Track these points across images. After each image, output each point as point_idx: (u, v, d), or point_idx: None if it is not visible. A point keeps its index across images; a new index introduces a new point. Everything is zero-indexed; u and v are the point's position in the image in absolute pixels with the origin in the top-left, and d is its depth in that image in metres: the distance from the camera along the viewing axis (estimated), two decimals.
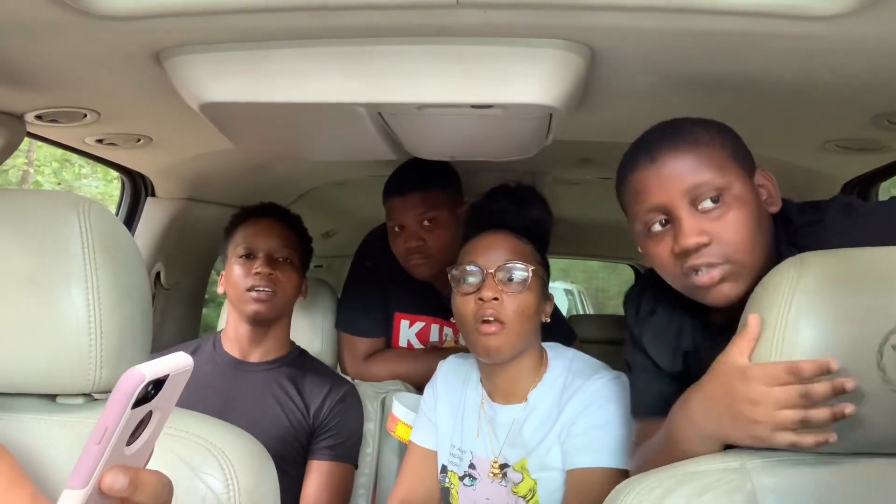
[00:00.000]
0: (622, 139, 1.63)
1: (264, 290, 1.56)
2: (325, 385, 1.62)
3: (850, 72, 1.04)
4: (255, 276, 1.56)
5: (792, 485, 0.85)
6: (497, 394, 1.36)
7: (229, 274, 1.61)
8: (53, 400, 0.95)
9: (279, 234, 1.63)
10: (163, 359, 0.57)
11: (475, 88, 1.00)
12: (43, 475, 0.89)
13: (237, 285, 1.57)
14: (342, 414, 1.61)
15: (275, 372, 1.62)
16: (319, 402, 1.59)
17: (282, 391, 1.59)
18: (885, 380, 0.81)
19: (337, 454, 1.59)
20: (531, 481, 1.29)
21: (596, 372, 1.31)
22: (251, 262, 1.58)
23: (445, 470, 1.40)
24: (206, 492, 0.88)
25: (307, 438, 1.58)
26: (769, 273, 0.89)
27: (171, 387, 0.58)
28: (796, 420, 0.81)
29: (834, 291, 0.84)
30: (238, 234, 1.64)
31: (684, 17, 0.89)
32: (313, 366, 1.69)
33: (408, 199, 1.73)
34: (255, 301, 1.56)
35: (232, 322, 1.64)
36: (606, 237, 3.22)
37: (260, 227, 1.63)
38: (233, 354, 1.63)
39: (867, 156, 1.52)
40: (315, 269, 3.65)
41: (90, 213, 0.91)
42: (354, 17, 0.92)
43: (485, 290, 1.25)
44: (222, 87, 1.03)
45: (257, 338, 1.62)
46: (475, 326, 1.25)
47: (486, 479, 1.33)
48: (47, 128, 1.41)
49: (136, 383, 0.54)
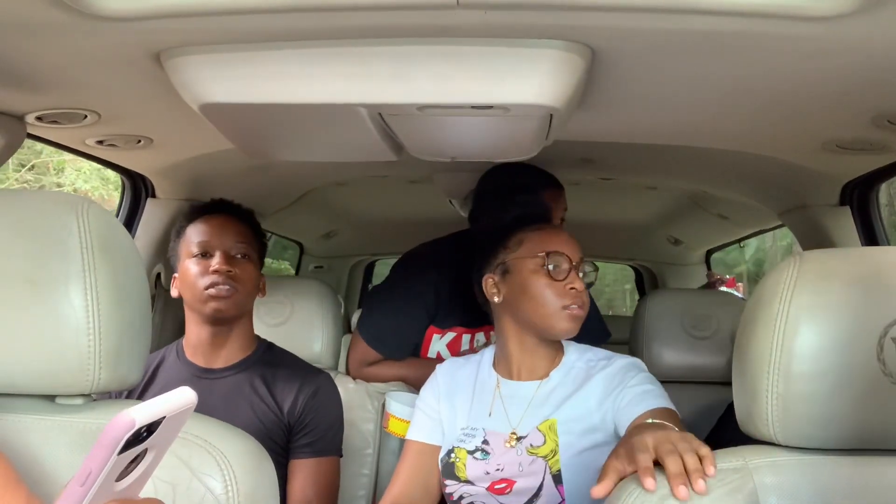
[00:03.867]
0: (622, 139, 1.64)
1: (224, 286, 1.49)
2: (295, 381, 1.56)
3: (850, 72, 1.04)
4: (212, 273, 1.49)
5: (794, 484, 0.86)
6: (516, 372, 1.42)
7: (184, 275, 1.52)
8: (52, 401, 0.95)
9: (235, 231, 1.56)
10: (162, 398, 0.54)
11: (475, 89, 1.00)
12: (42, 476, 0.89)
13: (194, 285, 1.49)
14: (317, 409, 1.55)
15: (243, 375, 1.55)
16: (292, 400, 1.54)
17: (253, 393, 1.54)
18: (886, 373, 0.81)
19: (317, 449, 1.54)
20: (553, 442, 1.32)
21: (614, 356, 1.41)
22: (207, 261, 1.51)
23: (451, 451, 1.40)
24: (205, 493, 0.88)
25: (285, 438, 1.54)
26: (768, 271, 0.90)
27: (169, 426, 0.55)
28: None
29: (832, 286, 0.84)
30: (190, 232, 1.56)
31: (684, 18, 0.89)
32: (283, 360, 1.62)
33: None
34: (213, 298, 1.48)
35: (192, 327, 1.55)
36: (607, 237, 3.22)
37: (214, 224, 1.55)
38: (196, 363, 1.55)
39: (867, 156, 1.52)
40: (315, 269, 3.66)
41: (89, 213, 0.91)
42: (355, 18, 0.92)
43: (576, 280, 1.36)
44: (223, 87, 1.03)
45: (220, 341, 1.55)
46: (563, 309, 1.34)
47: (501, 450, 1.36)
48: (48, 129, 1.41)
49: (125, 430, 0.51)
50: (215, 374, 1.55)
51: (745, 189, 2.10)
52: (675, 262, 3.54)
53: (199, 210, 1.59)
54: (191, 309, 1.54)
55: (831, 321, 0.83)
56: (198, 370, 1.55)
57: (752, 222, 2.75)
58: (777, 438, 0.88)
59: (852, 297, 0.83)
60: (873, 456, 0.87)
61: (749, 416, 0.91)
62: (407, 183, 2.46)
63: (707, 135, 1.51)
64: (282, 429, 1.53)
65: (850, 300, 0.83)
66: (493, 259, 1.43)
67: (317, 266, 3.64)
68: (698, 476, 0.84)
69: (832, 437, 0.86)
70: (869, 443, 0.86)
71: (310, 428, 1.54)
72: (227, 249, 1.53)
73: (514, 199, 1.76)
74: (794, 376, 0.85)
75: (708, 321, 1.96)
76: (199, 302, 1.50)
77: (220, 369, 1.55)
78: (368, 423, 1.84)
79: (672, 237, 3.30)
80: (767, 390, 0.87)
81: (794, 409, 0.86)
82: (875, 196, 1.81)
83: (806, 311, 0.84)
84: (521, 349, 1.41)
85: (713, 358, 1.94)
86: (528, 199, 1.78)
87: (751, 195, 2.12)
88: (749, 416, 0.91)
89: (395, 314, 1.87)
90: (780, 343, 0.85)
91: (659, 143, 1.61)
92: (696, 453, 0.88)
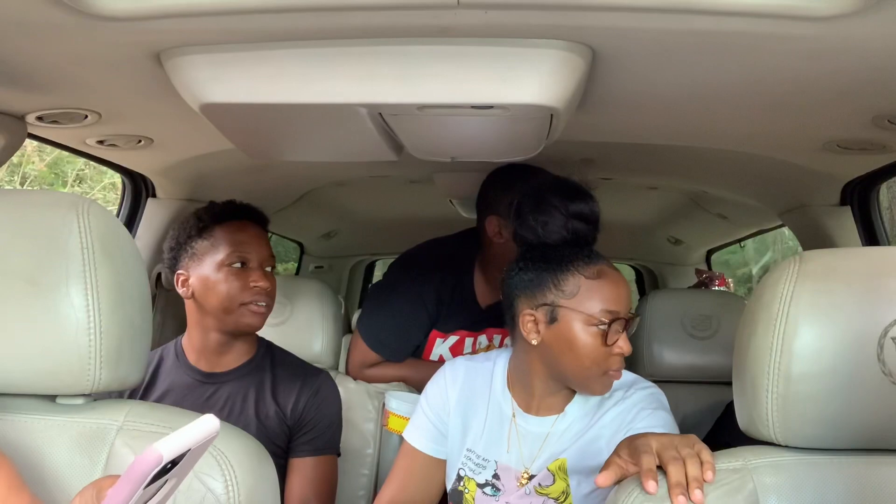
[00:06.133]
0: (623, 139, 1.63)
1: (262, 303, 1.47)
2: (297, 382, 1.54)
3: (850, 72, 1.04)
4: (253, 289, 1.46)
5: (793, 484, 0.86)
6: (533, 406, 1.33)
7: (213, 282, 1.46)
8: (53, 400, 0.95)
9: (265, 241, 1.54)
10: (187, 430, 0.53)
11: (476, 89, 1.00)
12: (42, 475, 0.89)
13: (230, 297, 1.45)
14: (318, 408, 1.53)
15: (246, 379, 1.53)
16: (293, 402, 1.52)
17: (256, 397, 1.52)
18: (885, 372, 0.81)
19: (316, 447, 1.53)
20: (563, 483, 1.27)
21: (635, 383, 1.31)
22: (246, 273, 1.47)
23: (460, 478, 1.36)
24: (206, 493, 0.88)
25: (286, 441, 1.53)
26: (768, 271, 0.90)
27: (192, 455, 0.55)
28: None
29: (832, 286, 0.84)
30: (221, 236, 1.50)
31: (685, 18, 0.89)
32: (283, 360, 1.60)
33: None
34: (252, 314, 1.46)
35: (200, 332, 1.50)
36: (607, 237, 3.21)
37: (250, 235, 1.52)
38: (199, 367, 1.52)
39: (867, 156, 1.52)
40: (315, 269, 3.66)
41: (89, 213, 0.91)
42: (355, 18, 0.92)
43: (626, 343, 1.22)
44: (223, 87, 1.03)
45: (227, 348, 1.52)
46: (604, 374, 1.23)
47: (512, 488, 1.31)
48: (48, 129, 1.41)
49: (153, 466, 0.51)
50: (219, 379, 1.52)
51: (745, 189, 2.09)
52: (676, 262, 3.53)
53: (228, 213, 1.54)
54: (210, 316, 1.48)
55: (831, 321, 0.83)
56: (201, 375, 1.52)
57: (753, 222, 2.75)
58: (777, 438, 0.88)
59: (852, 297, 0.83)
60: (873, 456, 0.87)
61: (749, 417, 0.91)
62: (407, 183, 2.46)
63: (707, 135, 1.51)
64: (284, 431, 1.53)
65: (851, 300, 0.83)
66: (539, 294, 1.24)
67: (317, 266, 3.64)
68: (696, 486, 0.85)
69: (832, 437, 0.87)
70: (869, 443, 0.86)
71: (310, 426, 1.53)
72: (262, 262, 1.50)
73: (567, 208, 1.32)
74: (794, 376, 0.85)
75: (708, 321, 1.96)
76: (228, 313, 1.46)
77: (223, 373, 1.53)
78: (368, 423, 1.84)
79: (672, 237, 3.30)
80: (767, 390, 0.87)
81: (794, 409, 0.86)
82: (875, 196, 1.81)
83: (806, 311, 0.84)
84: (545, 389, 1.31)
85: (713, 358, 1.94)
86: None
87: (751, 195, 2.12)
88: (749, 417, 0.91)
89: (396, 316, 1.85)
90: (780, 343, 0.85)
91: (659, 143, 1.61)
92: (698, 458, 0.88)
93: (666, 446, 0.92)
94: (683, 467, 0.87)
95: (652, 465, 0.89)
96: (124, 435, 0.92)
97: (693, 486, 0.85)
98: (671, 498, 0.84)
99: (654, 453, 0.91)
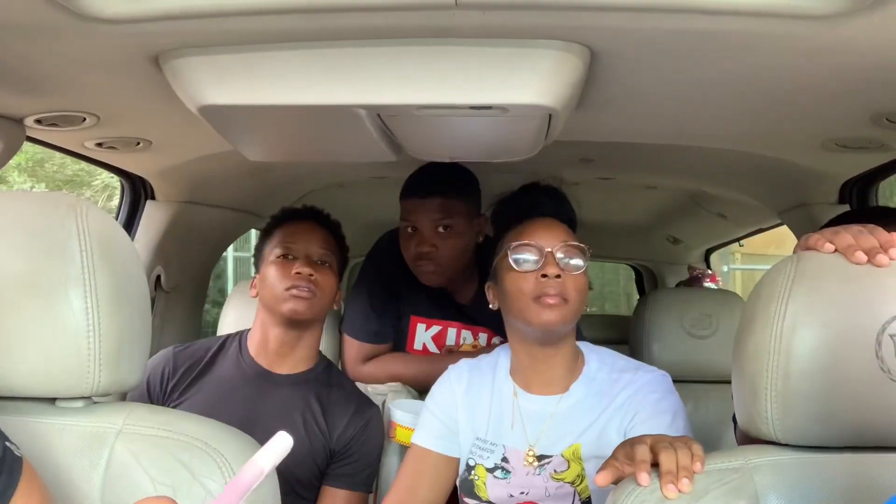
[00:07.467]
0: (622, 139, 1.63)
1: (304, 289, 1.51)
2: (349, 407, 1.56)
3: (849, 71, 1.04)
4: (294, 276, 1.51)
5: (794, 482, 0.86)
6: (534, 385, 1.36)
7: (265, 276, 1.55)
8: (53, 403, 0.95)
9: (319, 237, 1.59)
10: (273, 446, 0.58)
11: (474, 90, 1.00)
12: (43, 478, 0.88)
13: (274, 286, 1.52)
14: (364, 442, 1.55)
15: (301, 387, 1.56)
16: (343, 427, 1.54)
17: (307, 410, 1.54)
18: (883, 368, 0.81)
19: (354, 482, 1.54)
20: (578, 467, 1.29)
21: (640, 367, 1.36)
22: (290, 264, 1.53)
23: (470, 467, 1.37)
24: (206, 496, 0.88)
25: (325, 462, 1.53)
26: (767, 269, 0.90)
27: None
28: None
29: (830, 283, 0.84)
30: (276, 235, 1.59)
31: (683, 17, 0.89)
32: (339, 381, 1.63)
33: (427, 202, 1.72)
34: (293, 298, 1.50)
35: (261, 327, 1.58)
36: (607, 237, 3.22)
37: (299, 229, 1.59)
38: (260, 363, 1.57)
39: (866, 155, 1.52)
40: None
41: (88, 215, 0.91)
42: (353, 19, 0.92)
43: (548, 266, 1.26)
44: (221, 89, 1.03)
45: (289, 346, 1.56)
46: (534, 300, 1.26)
47: (522, 471, 1.32)
48: (47, 132, 1.41)
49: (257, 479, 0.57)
50: (276, 380, 1.56)
51: (744, 188, 2.10)
52: (675, 262, 3.54)
53: (287, 215, 1.63)
54: (267, 310, 1.56)
55: (829, 319, 0.83)
56: (260, 370, 1.57)
57: (752, 221, 2.75)
58: (777, 436, 0.88)
59: (850, 295, 0.84)
60: (873, 453, 0.87)
61: (748, 415, 0.91)
62: None
63: (706, 134, 1.51)
64: (326, 452, 1.53)
65: (848, 297, 0.84)
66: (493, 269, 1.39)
67: None
68: (684, 474, 0.86)
69: (831, 434, 0.87)
70: (868, 440, 0.86)
71: (353, 459, 1.54)
72: (309, 254, 1.56)
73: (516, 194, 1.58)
74: (792, 374, 0.85)
75: (708, 321, 1.97)
76: (277, 302, 1.52)
77: (280, 375, 1.57)
78: None
79: (672, 236, 3.30)
80: (766, 389, 0.87)
81: (793, 407, 0.86)
82: (874, 194, 1.81)
83: (804, 309, 0.84)
84: (531, 358, 1.35)
85: (712, 357, 1.94)
86: (406, 217, 1.75)
87: (750, 194, 2.12)
88: (748, 415, 0.91)
89: (365, 297, 1.87)
90: (778, 341, 0.85)
91: (658, 143, 1.61)
92: (689, 450, 0.90)
93: (659, 440, 0.94)
94: (675, 457, 0.89)
95: (645, 457, 0.91)
96: (124, 438, 0.92)
97: (682, 474, 0.86)
98: (662, 486, 0.86)
99: (647, 447, 0.93)
